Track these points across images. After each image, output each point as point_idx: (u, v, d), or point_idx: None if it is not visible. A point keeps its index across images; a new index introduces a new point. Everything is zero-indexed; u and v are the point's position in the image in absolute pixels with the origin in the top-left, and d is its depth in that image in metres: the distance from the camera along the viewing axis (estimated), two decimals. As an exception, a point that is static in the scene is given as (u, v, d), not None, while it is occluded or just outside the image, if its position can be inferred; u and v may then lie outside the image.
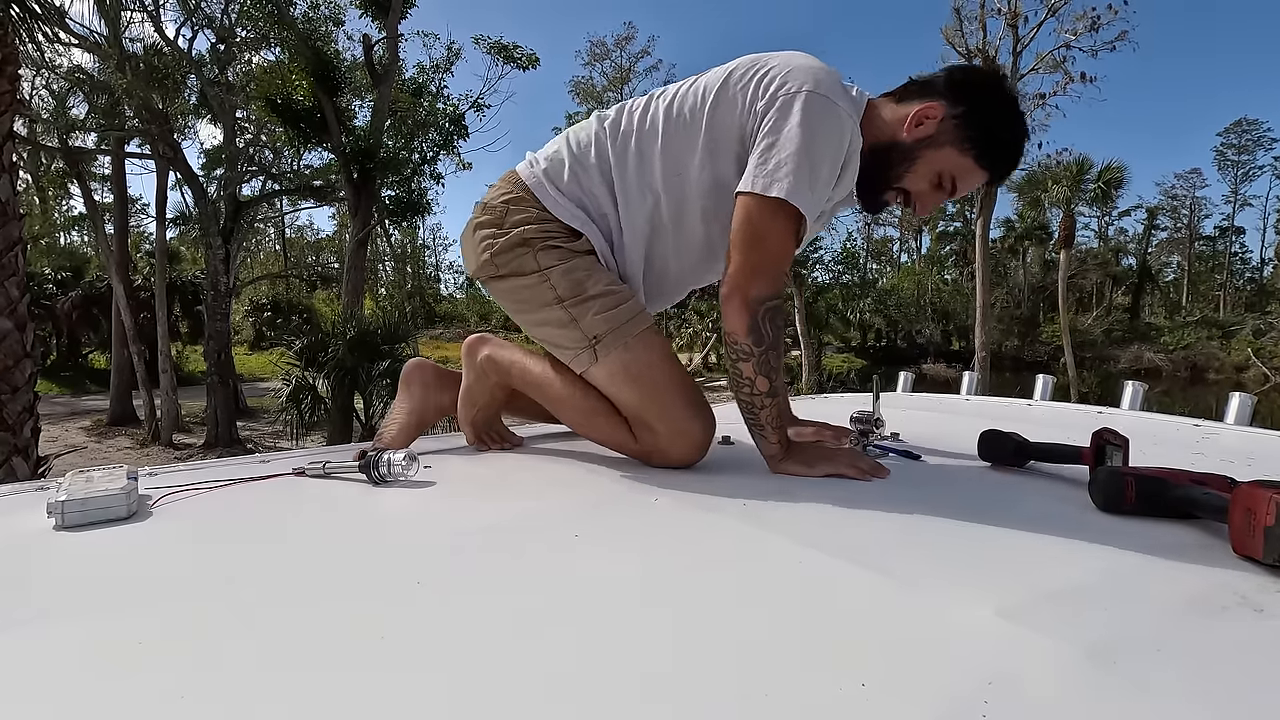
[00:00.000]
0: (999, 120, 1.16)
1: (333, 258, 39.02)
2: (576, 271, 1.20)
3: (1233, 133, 45.98)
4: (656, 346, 1.21)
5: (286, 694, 0.51)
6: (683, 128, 1.19)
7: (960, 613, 0.64)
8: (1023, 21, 14.39)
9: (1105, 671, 0.54)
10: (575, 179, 1.24)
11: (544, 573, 0.75)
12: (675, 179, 1.21)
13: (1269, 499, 0.75)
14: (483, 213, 1.28)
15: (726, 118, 1.16)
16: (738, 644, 0.59)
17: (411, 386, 1.43)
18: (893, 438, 1.42)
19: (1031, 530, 0.88)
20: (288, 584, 0.72)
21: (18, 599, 0.69)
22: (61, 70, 13.32)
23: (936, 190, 1.20)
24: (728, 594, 0.70)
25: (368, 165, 11.48)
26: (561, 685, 0.52)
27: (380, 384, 8.68)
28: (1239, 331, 31.09)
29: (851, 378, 26.09)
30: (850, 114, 1.12)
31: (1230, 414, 1.75)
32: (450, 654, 0.57)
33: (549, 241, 1.21)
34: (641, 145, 1.22)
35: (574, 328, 1.19)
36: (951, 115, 1.15)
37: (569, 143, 1.28)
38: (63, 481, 0.95)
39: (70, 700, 0.50)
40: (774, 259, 1.12)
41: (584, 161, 1.24)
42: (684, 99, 1.21)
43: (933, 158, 1.16)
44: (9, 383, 4.77)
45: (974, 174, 1.18)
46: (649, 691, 0.51)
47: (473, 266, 1.30)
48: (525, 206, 1.24)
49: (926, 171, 1.18)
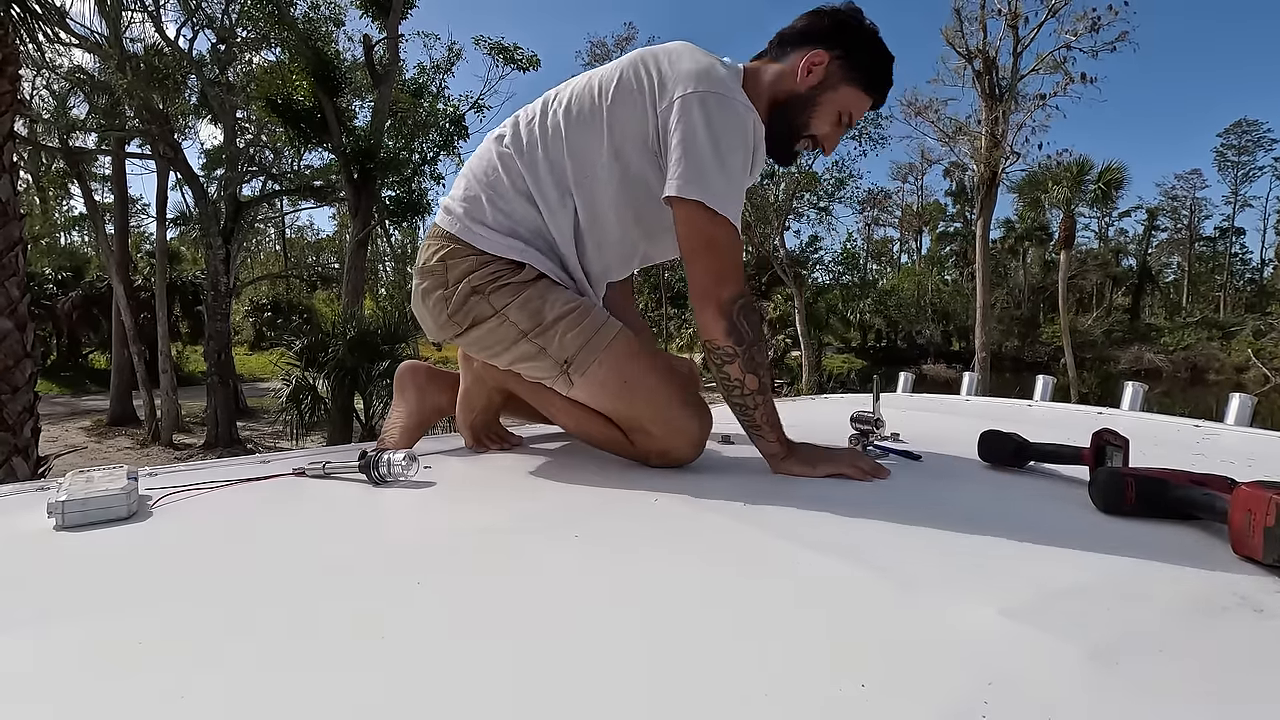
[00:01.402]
0: (873, 52, 1.26)
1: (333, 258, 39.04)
2: (531, 302, 1.19)
3: (1233, 133, 46.01)
4: (630, 351, 1.19)
5: (286, 694, 0.51)
6: (584, 127, 1.19)
7: (960, 613, 0.64)
8: (1023, 22, 14.39)
9: (1105, 672, 0.54)
10: (495, 208, 1.22)
11: (544, 573, 0.75)
12: (585, 180, 1.21)
13: (1269, 500, 0.75)
14: (424, 277, 1.26)
15: (625, 114, 1.17)
16: (737, 644, 0.59)
17: (406, 390, 1.42)
18: (893, 438, 1.42)
19: (1031, 531, 0.88)
20: (288, 584, 0.72)
21: (18, 599, 0.69)
22: (62, 70, 13.34)
23: (837, 127, 1.28)
24: (727, 594, 0.70)
25: (368, 165, 11.48)
26: (561, 685, 0.52)
27: (380, 384, 8.68)
28: (1239, 332, 31.08)
29: (852, 378, 26.10)
30: (746, 102, 1.15)
31: (1230, 415, 1.75)
32: (450, 654, 0.57)
33: (496, 282, 1.20)
34: (550, 153, 1.21)
35: (544, 356, 1.18)
36: (835, 57, 1.23)
37: (475, 177, 1.26)
38: (63, 481, 0.96)
39: (70, 700, 0.50)
40: (730, 258, 1.14)
41: (498, 188, 1.23)
42: (580, 99, 1.20)
43: (830, 99, 1.24)
44: (9, 383, 4.77)
45: (864, 103, 1.27)
46: (648, 691, 0.51)
47: (435, 333, 1.28)
48: (461, 256, 1.22)
49: (828, 112, 1.25)
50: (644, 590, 0.71)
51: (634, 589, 0.71)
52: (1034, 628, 0.61)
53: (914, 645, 0.58)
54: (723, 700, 0.50)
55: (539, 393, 1.28)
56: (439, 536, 0.89)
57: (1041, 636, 0.60)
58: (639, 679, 0.53)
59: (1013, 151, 14.60)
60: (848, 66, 1.23)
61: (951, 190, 37.36)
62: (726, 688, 0.52)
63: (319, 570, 0.76)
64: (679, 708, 0.49)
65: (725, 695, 0.51)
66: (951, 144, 15.93)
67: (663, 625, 0.63)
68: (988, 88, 14.38)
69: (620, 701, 0.50)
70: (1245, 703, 0.52)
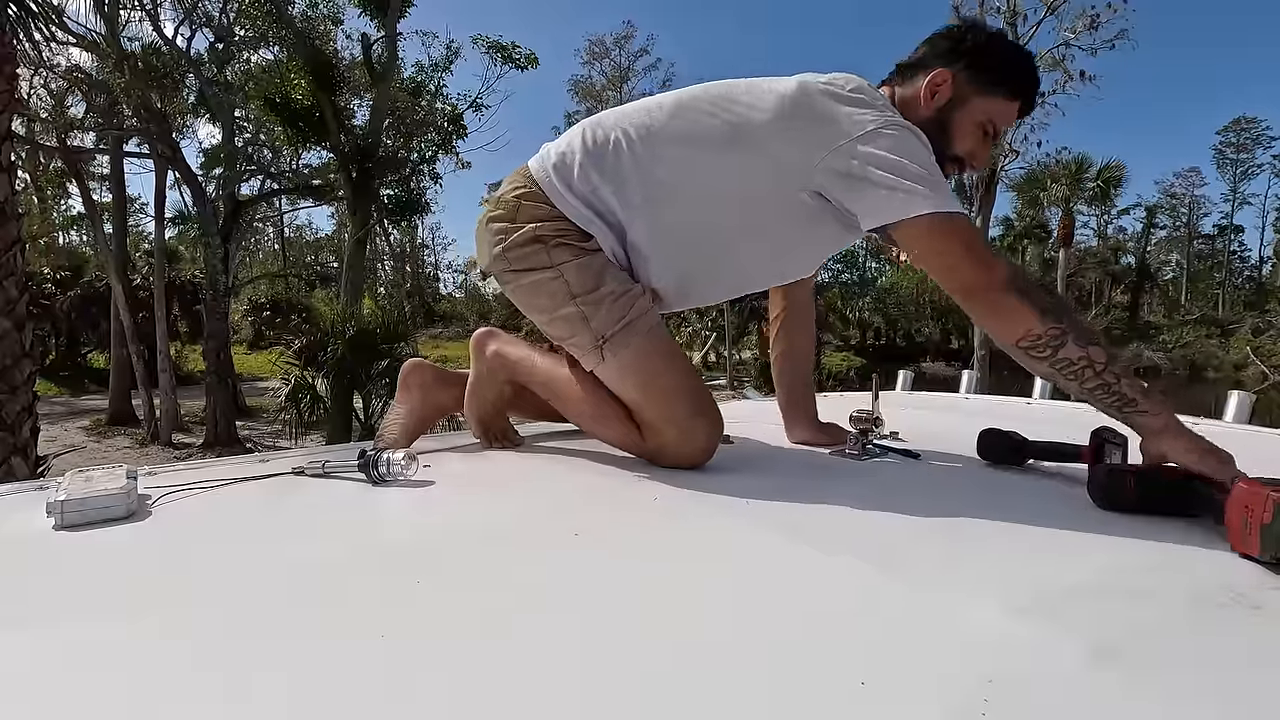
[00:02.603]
0: (1002, 55, 1.22)
1: (331, 257, 38.97)
2: (590, 268, 1.20)
3: (1231, 131, 45.99)
4: (663, 348, 1.20)
5: (286, 694, 0.51)
6: (718, 146, 1.17)
7: (960, 612, 0.64)
8: (1022, 20, 14.38)
9: (1105, 670, 0.54)
10: (586, 177, 1.21)
11: (544, 572, 0.76)
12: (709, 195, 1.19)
13: (1266, 497, 0.75)
14: (496, 206, 1.27)
15: (782, 151, 1.14)
16: (737, 643, 0.59)
17: (410, 388, 1.43)
18: (892, 436, 1.42)
19: (1030, 529, 0.88)
20: (287, 584, 0.72)
21: (17, 599, 0.69)
22: (60, 69, 13.30)
23: (984, 141, 1.23)
24: (728, 593, 0.70)
25: (366, 164, 11.48)
26: (562, 684, 0.52)
27: (379, 383, 8.68)
28: (1238, 330, 31.10)
29: (851, 376, 26.10)
30: (909, 125, 1.12)
31: (1229, 412, 1.75)
32: (450, 654, 0.57)
33: (561, 239, 1.21)
34: (670, 152, 1.19)
35: (585, 325, 1.19)
36: (958, 72, 1.20)
37: (584, 139, 1.24)
38: (62, 481, 0.95)
39: (70, 700, 0.50)
40: (974, 248, 1.07)
41: (600, 164, 1.21)
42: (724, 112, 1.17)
43: (965, 115, 1.20)
44: (8, 382, 4.77)
45: (1008, 108, 1.22)
46: (648, 691, 0.51)
47: (485, 260, 1.29)
48: (537, 202, 1.23)
49: (967, 129, 1.21)
50: (644, 588, 0.71)
51: (634, 587, 0.71)
52: (1034, 626, 0.61)
53: (914, 643, 0.59)
54: (722, 698, 0.50)
55: (552, 385, 1.28)
56: (438, 536, 0.89)
57: (1042, 635, 0.60)
58: (639, 677, 0.53)
59: (1011, 149, 14.60)
60: (976, 76, 1.19)
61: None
62: (726, 686, 0.52)
63: (317, 570, 0.76)
64: (679, 706, 0.49)
65: (724, 693, 0.51)
66: (950, 142, 15.90)
67: (663, 623, 0.63)
68: (987, 85, 14.35)
69: (620, 700, 0.50)
70: (1244, 700, 0.52)
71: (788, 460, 1.32)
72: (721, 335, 24.48)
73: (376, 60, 12.15)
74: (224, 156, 13.35)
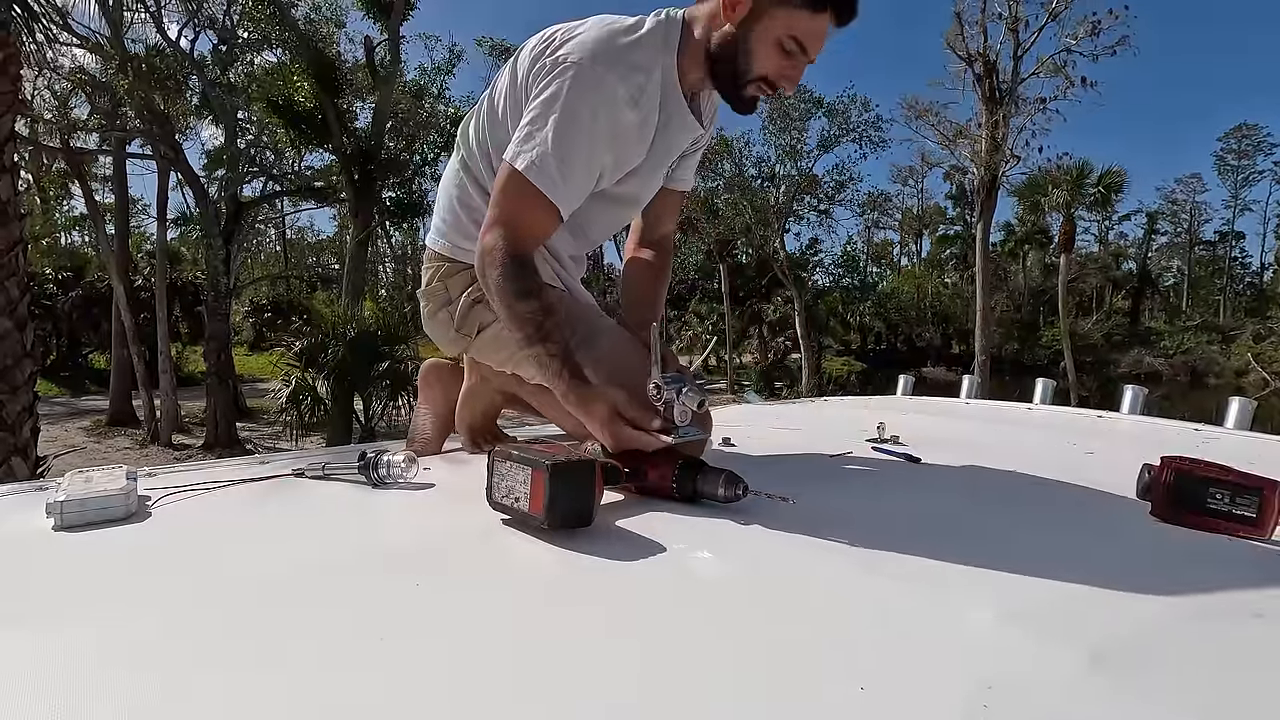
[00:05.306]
0: None
1: (333, 259, 39.02)
2: None
3: (1233, 138, 46.05)
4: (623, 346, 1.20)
5: (286, 694, 0.51)
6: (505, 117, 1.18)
7: (960, 615, 0.64)
8: (1023, 26, 14.40)
9: (1105, 674, 0.54)
10: (472, 219, 1.22)
11: (543, 573, 0.75)
12: None
13: None
14: (428, 299, 1.29)
15: None
16: (736, 644, 0.59)
17: (432, 388, 1.45)
18: (893, 440, 1.42)
19: (1031, 533, 0.88)
20: (287, 585, 0.72)
21: (17, 599, 0.69)
22: (63, 70, 13.33)
23: (789, 59, 1.11)
24: (726, 593, 0.70)
25: (369, 167, 11.51)
26: (560, 685, 0.52)
27: (380, 385, 8.67)
28: (1239, 336, 31.08)
29: (852, 381, 26.10)
30: (627, 81, 1.08)
31: (1230, 419, 1.75)
32: (449, 654, 0.57)
33: None
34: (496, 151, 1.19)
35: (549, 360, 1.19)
36: None
37: (447, 193, 1.27)
38: (62, 482, 0.95)
39: (70, 700, 0.50)
40: (512, 222, 1.08)
41: (467, 201, 1.24)
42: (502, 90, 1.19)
43: (765, 29, 1.08)
44: (8, 382, 4.77)
45: (813, 21, 1.08)
46: (648, 691, 0.51)
47: (448, 347, 1.30)
48: (456, 272, 1.25)
49: (766, 46, 1.09)
50: (640, 590, 0.71)
51: (630, 589, 0.71)
52: (1034, 630, 0.61)
53: (914, 646, 0.58)
54: (722, 701, 0.50)
55: (541, 394, 1.28)
56: (438, 538, 0.89)
57: (1041, 638, 0.60)
58: (636, 679, 0.53)
59: (1013, 155, 14.60)
60: None
61: (952, 193, 37.36)
62: (725, 688, 0.52)
63: (318, 571, 0.76)
64: (677, 708, 0.49)
65: (724, 696, 0.51)
66: (952, 147, 15.93)
67: (659, 625, 0.63)
68: (988, 91, 14.38)
69: (618, 701, 0.50)
70: (1244, 706, 0.52)
71: (788, 462, 1.32)
72: (722, 339, 24.50)
73: (379, 63, 12.19)
74: (226, 158, 13.37)
